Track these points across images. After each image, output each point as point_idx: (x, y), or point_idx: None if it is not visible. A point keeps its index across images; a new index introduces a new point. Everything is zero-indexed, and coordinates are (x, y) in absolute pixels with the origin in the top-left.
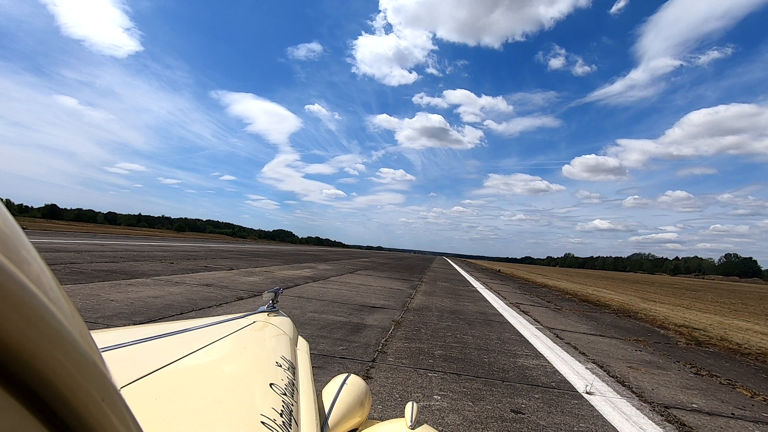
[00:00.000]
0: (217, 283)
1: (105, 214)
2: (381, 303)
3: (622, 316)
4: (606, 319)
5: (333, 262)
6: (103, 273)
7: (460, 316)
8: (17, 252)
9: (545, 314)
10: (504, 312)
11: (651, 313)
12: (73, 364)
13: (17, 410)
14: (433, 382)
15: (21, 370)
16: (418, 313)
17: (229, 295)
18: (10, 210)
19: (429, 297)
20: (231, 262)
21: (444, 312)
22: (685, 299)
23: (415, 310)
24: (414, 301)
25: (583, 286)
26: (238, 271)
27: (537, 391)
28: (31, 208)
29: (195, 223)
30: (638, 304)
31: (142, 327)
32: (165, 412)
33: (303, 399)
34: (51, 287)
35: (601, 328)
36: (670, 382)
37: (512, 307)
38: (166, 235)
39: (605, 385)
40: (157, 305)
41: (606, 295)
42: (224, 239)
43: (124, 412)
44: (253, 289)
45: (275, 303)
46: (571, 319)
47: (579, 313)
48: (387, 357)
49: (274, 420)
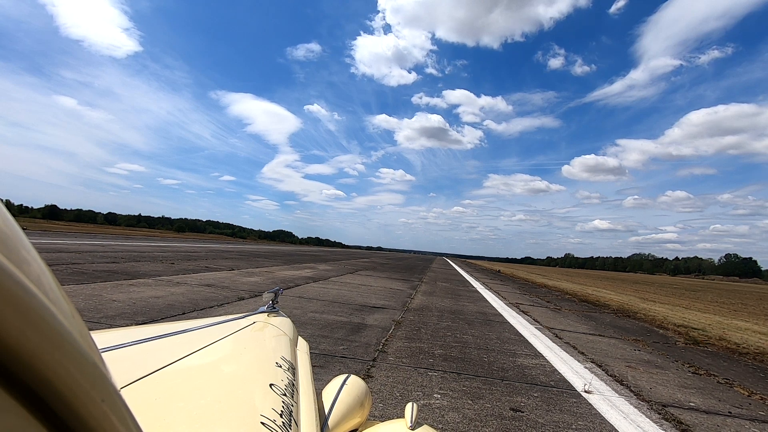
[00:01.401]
0: (218, 283)
1: (105, 215)
2: (381, 303)
3: (621, 316)
4: (605, 319)
5: (333, 262)
6: (105, 273)
7: (459, 316)
8: (17, 252)
9: (545, 314)
10: (504, 312)
11: (650, 313)
12: (74, 365)
13: (17, 411)
14: (433, 381)
15: (21, 371)
16: (418, 313)
17: (230, 295)
18: (10, 211)
19: (429, 297)
20: (231, 263)
21: (444, 312)
22: (684, 299)
23: (415, 310)
24: (414, 302)
25: (583, 287)
26: (239, 272)
27: (536, 389)
28: (31, 209)
29: (195, 223)
30: (638, 304)
31: (142, 327)
32: (165, 412)
33: (303, 399)
34: (51, 287)
35: (601, 328)
36: (668, 381)
37: (512, 307)
38: (166, 235)
39: (603, 384)
40: (159, 305)
41: (605, 295)
42: (224, 240)
43: (124, 412)
44: (254, 289)
45: (275, 303)
46: (571, 319)
47: (578, 313)
48: (387, 356)
49: (274, 420)
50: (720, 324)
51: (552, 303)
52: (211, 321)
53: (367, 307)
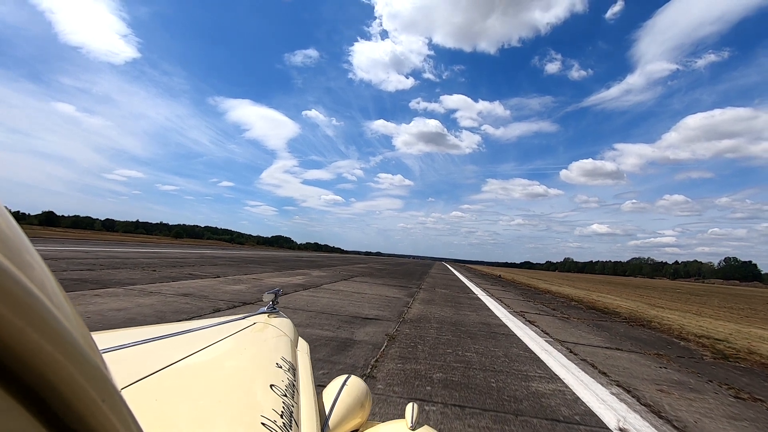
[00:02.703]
0: (197, 292)
1: (103, 221)
2: (374, 314)
3: (634, 325)
4: (618, 328)
5: (328, 268)
6: (72, 282)
7: (461, 328)
8: (20, 255)
9: (553, 324)
10: (509, 322)
11: (664, 321)
12: (75, 366)
13: (19, 411)
14: (431, 418)
15: (23, 372)
16: (415, 326)
17: (205, 306)
18: None
19: (427, 306)
20: (219, 269)
21: (444, 323)
22: (692, 305)
23: (411, 321)
24: (411, 311)
25: (587, 292)
26: (225, 279)
27: (559, 429)
28: (28, 215)
29: (193, 229)
30: (647, 311)
31: (142, 328)
32: (165, 413)
33: (303, 400)
34: (53, 290)
35: (616, 340)
36: (711, 411)
37: (517, 316)
38: (163, 241)
39: (639, 418)
40: (116, 320)
41: (612, 301)
42: (222, 245)
43: (125, 413)
44: (235, 299)
45: (275, 304)
46: (582, 329)
47: (588, 322)
48: (376, 383)
49: (275, 421)
50: (740, 333)
51: (558, 311)
52: (212, 322)
53: (359, 318)
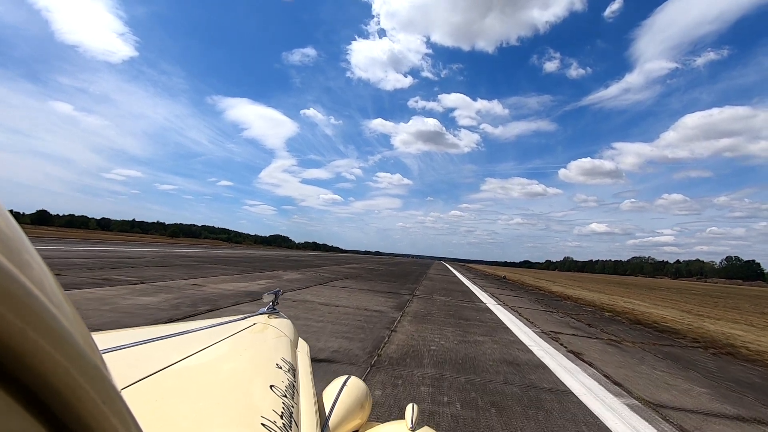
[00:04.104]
0: (86, 305)
1: (98, 220)
2: (335, 346)
3: (716, 353)
4: (707, 363)
5: (310, 269)
6: None
7: (476, 379)
8: (19, 255)
9: (607, 355)
10: (546, 357)
11: (750, 345)
12: (75, 366)
13: (18, 412)
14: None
15: (22, 372)
16: (395, 374)
17: None
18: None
19: (421, 325)
20: (160, 272)
21: (445, 366)
22: (724, 310)
23: (391, 362)
24: (395, 338)
25: (606, 296)
26: (148, 286)
27: None
28: (22, 215)
29: (190, 228)
30: (700, 323)
31: (142, 329)
32: (165, 413)
33: (303, 401)
34: (52, 290)
35: (727, 393)
36: None
37: (549, 340)
38: (157, 240)
39: None
40: None
41: (645, 309)
42: (217, 245)
43: (124, 413)
44: (130, 313)
45: (275, 305)
46: (655, 365)
47: (653, 350)
48: None
49: (275, 422)
50: None
51: (598, 328)
52: (212, 322)
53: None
